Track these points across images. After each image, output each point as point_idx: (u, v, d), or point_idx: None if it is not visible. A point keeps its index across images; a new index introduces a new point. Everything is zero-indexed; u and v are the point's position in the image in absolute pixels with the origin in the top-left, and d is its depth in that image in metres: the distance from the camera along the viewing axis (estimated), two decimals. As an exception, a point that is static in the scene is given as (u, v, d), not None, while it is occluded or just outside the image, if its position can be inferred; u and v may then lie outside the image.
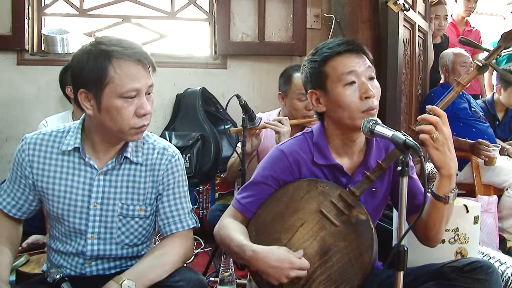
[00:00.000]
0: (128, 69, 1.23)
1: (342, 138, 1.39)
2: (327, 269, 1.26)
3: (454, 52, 3.10)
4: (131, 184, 1.37)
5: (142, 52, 1.28)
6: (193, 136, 2.86)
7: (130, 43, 1.28)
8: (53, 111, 2.83)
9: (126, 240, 1.38)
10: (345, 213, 1.30)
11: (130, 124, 1.26)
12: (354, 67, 1.32)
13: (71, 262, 1.37)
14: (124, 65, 1.23)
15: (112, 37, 1.29)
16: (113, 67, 1.22)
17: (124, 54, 1.23)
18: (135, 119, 1.26)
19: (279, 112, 2.48)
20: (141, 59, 1.26)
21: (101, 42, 1.25)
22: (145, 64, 1.27)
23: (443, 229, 1.34)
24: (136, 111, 1.26)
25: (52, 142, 1.35)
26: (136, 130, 1.28)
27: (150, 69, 1.30)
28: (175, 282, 1.28)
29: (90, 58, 1.23)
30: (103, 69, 1.21)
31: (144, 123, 1.29)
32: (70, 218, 1.34)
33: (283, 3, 3.15)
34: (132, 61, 1.24)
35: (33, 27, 2.99)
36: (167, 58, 3.13)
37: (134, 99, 1.25)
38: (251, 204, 1.39)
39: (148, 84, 1.28)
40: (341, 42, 1.36)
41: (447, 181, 1.26)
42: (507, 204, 2.70)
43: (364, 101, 1.31)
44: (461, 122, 2.99)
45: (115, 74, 1.22)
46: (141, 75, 1.25)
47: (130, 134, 1.29)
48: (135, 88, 1.24)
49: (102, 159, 1.35)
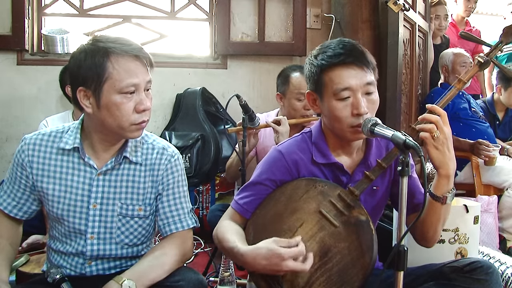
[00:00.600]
0: (126, 65, 1.24)
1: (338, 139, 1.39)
2: (327, 270, 1.26)
3: (454, 52, 3.09)
4: (131, 184, 1.37)
5: (140, 48, 1.29)
6: (193, 136, 2.86)
7: (127, 40, 1.29)
8: (53, 111, 2.84)
9: (126, 240, 1.38)
10: (345, 213, 1.29)
11: (130, 120, 1.26)
12: (350, 83, 1.29)
13: (71, 262, 1.37)
14: (122, 61, 1.24)
15: (108, 35, 1.30)
16: (111, 63, 1.22)
17: (122, 50, 1.24)
18: (135, 114, 1.27)
19: (277, 112, 2.48)
20: (139, 55, 1.27)
21: (99, 40, 1.26)
22: (143, 60, 1.28)
23: (440, 230, 1.34)
24: (135, 106, 1.26)
25: (52, 142, 1.35)
26: (136, 126, 1.28)
27: (148, 65, 1.31)
28: (175, 282, 1.28)
29: (87, 56, 1.23)
30: (101, 65, 1.22)
31: (144, 119, 1.29)
32: (70, 218, 1.34)
33: (283, 3, 3.15)
34: (130, 57, 1.25)
35: (33, 27, 2.99)
36: (167, 58, 3.13)
37: (133, 95, 1.26)
38: (249, 205, 1.39)
39: (146, 80, 1.28)
40: (342, 52, 1.30)
41: (445, 181, 1.25)
42: (507, 204, 2.70)
43: (355, 117, 1.29)
44: (461, 122, 2.98)
45: (113, 70, 1.22)
46: (139, 71, 1.26)
47: (130, 130, 1.29)
48: (134, 83, 1.25)
49: (102, 159, 1.35)
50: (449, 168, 1.24)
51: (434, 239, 1.35)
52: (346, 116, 1.30)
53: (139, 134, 1.32)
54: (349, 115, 1.29)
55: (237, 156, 2.27)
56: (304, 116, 2.30)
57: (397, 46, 2.63)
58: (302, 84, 2.28)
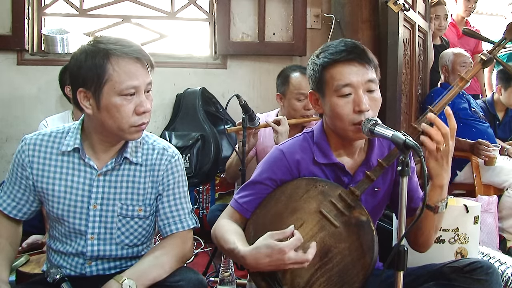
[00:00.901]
0: (126, 67, 1.24)
1: (340, 139, 1.38)
2: (327, 270, 1.26)
3: (454, 52, 3.09)
4: (131, 185, 1.36)
5: (140, 50, 1.28)
6: (193, 136, 2.86)
7: (128, 42, 1.28)
8: (53, 111, 2.84)
9: (126, 240, 1.38)
10: (345, 213, 1.29)
11: (130, 122, 1.26)
12: (351, 79, 1.29)
13: (71, 262, 1.37)
14: (123, 63, 1.23)
15: (109, 36, 1.30)
16: (112, 65, 1.22)
17: (122, 52, 1.24)
18: (135, 116, 1.26)
19: (277, 112, 2.48)
20: (139, 57, 1.26)
21: (99, 41, 1.26)
22: (143, 62, 1.27)
23: (433, 237, 1.35)
24: (135, 108, 1.26)
25: (52, 143, 1.35)
26: (136, 128, 1.28)
27: (149, 67, 1.30)
28: (175, 282, 1.28)
29: (88, 57, 1.23)
30: (101, 67, 1.22)
31: (144, 121, 1.29)
32: (70, 219, 1.34)
33: (283, 3, 3.15)
34: (130, 59, 1.24)
35: (33, 27, 2.99)
36: (167, 58, 3.13)
37: (133, 97, 1.25)
38: (249, 204, 1.39)
39: (147, 82, 1.28)
40: (343, 49, 1.31)
41: (439, 191, 1.26)
42: (507, 204, 2.70)
43: (357, 114, 1.28)
44: (461, 122, 2.98)
45: (113, 72, 1.22)
46: (140, 73, 1.26)
47: (130, 132, 1.28)
48: (134, 86, 1.24)
49: (102, 160, 1.35)
50: (444, 179, 1.24)
51: (427, 245, 1.36)
52: (347, 113, 1.29)
53: (139, 136, 1.32)
54: (350, 112, 1.29)
55: (236, 156, 2.27)
56: (304, 116, 2.30)
57: (397, 46, 2.63)
58: (302, 84, 2.28)
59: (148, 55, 1.30)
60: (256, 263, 1.18)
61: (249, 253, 1.20)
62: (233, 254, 1.26)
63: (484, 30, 4.08)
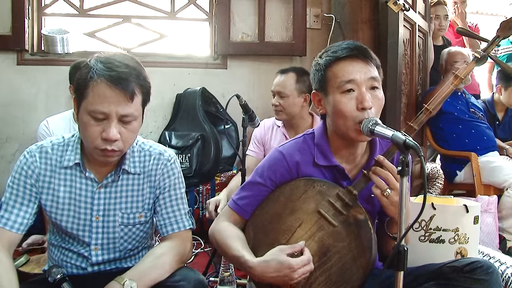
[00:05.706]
0: (101, 91, 1.20)
1: (342, 140, 1.37)
2: (326, 270, 1.26)
3: (447, 51, 3.10)
4: (130, 193, 1.38)
5: (127, 77, 1.21)
6: (193, 136, 2.86)
7: (117, 65, 1.22)
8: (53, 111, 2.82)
9: (129, 246, 1.41)
10: (343, 213, 1.29)
11: (94, 144, 1.24)
12: (354, 76, 1.29)
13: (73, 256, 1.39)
14: (99, 86, 1.20)
15: (110, 54, 1.27)
16: (92, 85, 1.21)
17: (102, 75, 1.20)
18: (99, 140, 1.23)
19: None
20: (119, 84, 1.20)
21: (98, 57, 1.25)
22: (124, 90, 1.20)
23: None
24: (102, 133, 1.23)
25: (56, 156, 1.35)
26: (99, 151, 1.25)
27: (137, 95, 1.24)
28: (175, 282, 1.29)
29: (82, 68, 1.25)
30: (84, 82, 1.22)
31: (108, 148, 1.23)
32: (74, 231, 1.36)
33: (283, 3, 3.15)
34: (108, 84, 1.19)
35: (33, 27, 2.99)
36: (167, 58, 3.13)
37: (104, 121, 1.22)
38: (248, 205, 1.39)
39: (121, 113, 1.21)
40: (345, 46, 1.32)
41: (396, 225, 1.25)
42: (507, 204, 2.70)
43: (360, 111, 1.28)
44: (460, 124, 2.99)
45: (90, 92, 1.21)
46: (114, 101, 1.20)
47: (96, 154, 1.27)
48: (102, 112, 1.20)
49: (102, 172, 1.36)
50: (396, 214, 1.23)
51: None
52: (350, 110, 1.28)
53: (106, 161, 1.29)
54: (353, 109, 1.28)
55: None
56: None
57: (397, 46, 2.63)
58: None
59: (139, 84, 1.24)
60: (263, 275, 1.20)
61: (258, 265, 1.22)
62: (239, 262, 1.27)
63: (484, 30, 4.08)
